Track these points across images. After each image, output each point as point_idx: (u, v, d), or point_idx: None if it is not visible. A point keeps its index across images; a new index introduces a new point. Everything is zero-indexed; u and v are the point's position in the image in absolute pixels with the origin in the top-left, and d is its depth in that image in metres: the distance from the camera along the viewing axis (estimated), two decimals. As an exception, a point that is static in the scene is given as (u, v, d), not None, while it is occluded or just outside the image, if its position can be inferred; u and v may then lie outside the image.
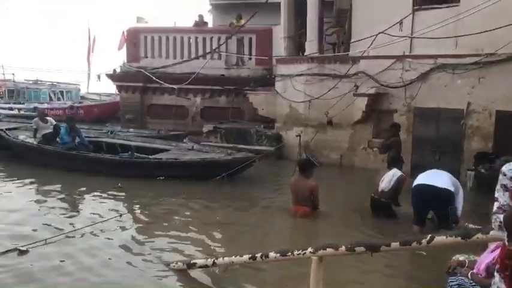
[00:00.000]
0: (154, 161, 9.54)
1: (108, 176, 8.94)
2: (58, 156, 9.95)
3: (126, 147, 10.78)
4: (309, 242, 4.11)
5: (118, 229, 6.17)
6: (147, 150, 10.56)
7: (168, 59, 15.74)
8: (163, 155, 10.02)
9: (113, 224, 6.27)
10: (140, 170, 9.31)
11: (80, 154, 9.83)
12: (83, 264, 4.91)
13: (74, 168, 9.44)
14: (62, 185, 8.44)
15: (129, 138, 11.89)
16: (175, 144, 11.18)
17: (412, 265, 5.32)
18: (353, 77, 10.94)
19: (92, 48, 29.24)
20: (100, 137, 12.00)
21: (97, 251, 5.33)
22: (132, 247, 5.51)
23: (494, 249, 3.85)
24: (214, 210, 7.40)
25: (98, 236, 5.80)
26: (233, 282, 4.58)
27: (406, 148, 10.22)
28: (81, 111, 20.90)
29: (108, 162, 9.67)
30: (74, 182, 8.66)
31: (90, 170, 9.29)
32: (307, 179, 7.02)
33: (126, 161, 9.60)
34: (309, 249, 3.73)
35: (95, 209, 7.10)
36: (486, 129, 9.58)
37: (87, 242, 5.58)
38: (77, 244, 5.51)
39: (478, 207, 7.41)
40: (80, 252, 5.25)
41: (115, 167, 9.43)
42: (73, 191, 8.21)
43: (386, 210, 6.95)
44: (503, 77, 9.20)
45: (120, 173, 9.08)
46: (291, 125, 12.10)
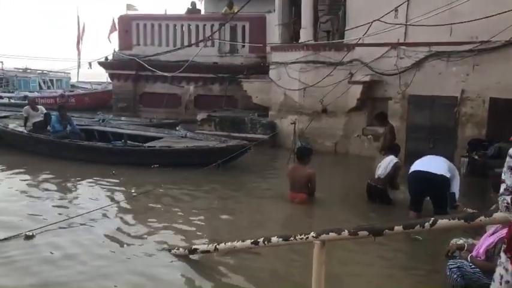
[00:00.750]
0: (147, 148, 9.48)
1: (101, 164, 8.88)
2: (49, 144, 9.85)
3: (118, 136, 10.70)
4: (308, 228, 4.14)
5: (115, 217, 6.17)
6: (140, 138, 10.50)
7: (160, 47, 15.60)
8: (156, 142, 9.96)
9: (109, 212, 6.27)
10: (133, 158, 9.25)
11: (72, 142, 9.73)
12: (81, 253, 4.89)
13: (65, 156, 9.35)
14: (54, 174, 8.36)
15: (121, 126, 11.82)
16: (168, 132, 11.13)
17: (408, 250, 5.37)
18: (348, 64, 10.93)
19: (82, 36, 28.82)
20: (91, 125, 11.89)
21: (95, 239, 5.31)
22: (131, 234, 5.51)
23: (493, 233, 3.92)
24: (211, 197, 7.40)
25: (95, 225, 5.77)
26: (234, 267, 4.60)
27: (400, 136, 10.26)
28: (72, 99, 20.65)
29: (101, 150, 9.58)
30: (67, 171, 8.61)
31: (83, 158, 9.22)
32: (304, 166, 7.06)
33: (119, 149, 9.53)
34: (312, 233, 3.75)
35: (90, 197, 7.08)
36: (480, 116, 9.65)
37: (84, 231, 5.56)
38: (73, 232, 5.48)
39: (472, 193, 7.51)
40: (76, 241, 5.23)
41: (108, 155, 9.35)
42: (66, 179, 8.16)
43: (383, 197, 7.01)
44: (497, 64, 9.25)
45: (112, 161, 9.01)
46: (285, 113, 12.09)
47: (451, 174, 6.01)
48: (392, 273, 4.65)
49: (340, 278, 4.38)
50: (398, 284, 4.37)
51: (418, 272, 4.66)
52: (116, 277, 4.33)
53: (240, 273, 4.52)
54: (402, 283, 4.40)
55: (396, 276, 4.57)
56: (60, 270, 4.47)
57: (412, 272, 4.67)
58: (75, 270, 4.47)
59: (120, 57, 16.02)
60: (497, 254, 3.66)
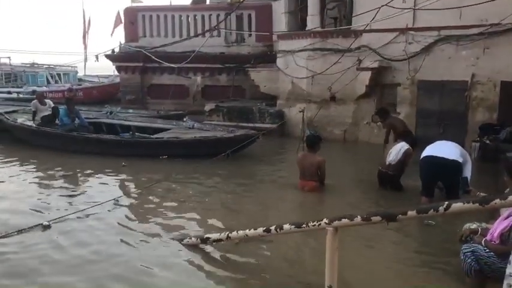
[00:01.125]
0: (155, 140, 9.51)
1: (110, 157, 8.91)
2: (58, 138, 9.89)
3: (126, 128, 10.74)
4: (319, 215, 4.12)
5: (127, 207, 6.21)
6: (148, 130, 10.53)
7: (167, 38, 15.57)
8: (164, 134, 9.98)
9: (121, 203, 6.32)
10: (142, 149, 9.29)
11: (81, 135, 9.78)
12: (94, 243, 4.94)
13: (74, 149, 9.40)
14: (64, 167, 8.40)
15: (129, 119, 11.85)
16: (176, 124, 11.14)
17: (421, 235, 5.35)
18: (356, 51, 10.84)
19: (88, 30, 28.83)
20: (99, 118, 11.93)
21: (108, 229, 5.35)
22: (143, 224, 5.54)
23: (507, 217, 3.88)
24: (221, 187, 7.41)
25: (107, 215, 5.81)
26: (246, 255, 4.61)
27: (410, 122, 10.22)
28: (80, 93, 20.75)
29: (109, 142, 9.62)
30: (77, 163, 8.65)
31: (91, 151, 9.26)
32: (314, 154, 7.04)
33: (128, 141, 9.57)
34: (324, 220, 3.74)
35: (102, 189, 7.12)
36: (491, 101, 9.55)
37: (97, 221, 5.61)
38: (86, 223, 5.54)
39: (484, 177, 7.46)
40: (90, 231, 5.29)
41: (116, 147, 9.39)
42: (77, 172, 8.22)
43: (394, 183, 6.98)
44: (508, 47, 9.14)
45: (121, 153, 9.04)
46: (293, 102, 12.04)
47: (463, 159, 5.96)
48: (406, 258, 4.63)
49: (353, 263, 4.37)
50: (412, 269, 4.35)
51: (431, 257, 4.64)
52: (128, 266, 4.36)
53: (252, 260, 4.53)
54: (416, 268, 4.38)
55: (410, 262, 4.55)
56: (75, 258, 4.53)
57: (426, 257, 4.65)
58: (87, 258, 4.52)
59: (126, 49, 16.03)
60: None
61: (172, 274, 4.22)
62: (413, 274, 4.24)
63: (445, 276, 4.15)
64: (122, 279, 4.12)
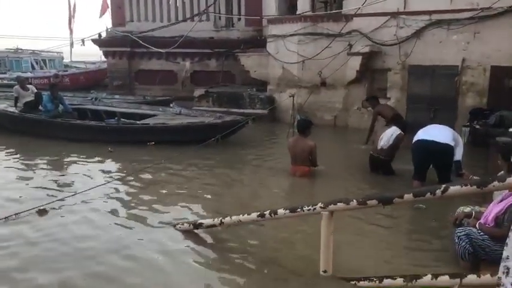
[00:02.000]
0: (141, 126, 9.36)
1: (95, 143, 8.75)
2: (42, 124, 9.65)
3: (111, 114, 10.52)
4: (312, 200, 4.08)
5: (117, 193, 6.10)
6: (134, 116, 10.34)
7: (155, 22, 15.34)
8: (150, 120, 9.83)
9: (110, 189, 6.20)
10: (127, 135, 9.12)
11: (65, 121, 9.55)
12: (85, 230, 4.85)
13: (58, 136, 9.16)
14: (49, 154, 8.20)
15: (114, 105, 11.66)
16: (162, 110, 10.98)
17: (416, 220, 5.35)
18: (347, 35, 10.75)
19: (73, 14, 28.25)
20: (84, 104, 11.69)
21: (99, 215, 5.26)
22: (135, 210, 5.46)
23: (501, 200, 3.88)
24: (212, 172, 7.34)
25: (98, 201, 5.71)
26: (241, 239, 4.57)
27: (400, 107, 10.25)
28: (67, 79, 20.37)
29: (94, 128, 9.43)
30: (62, 150, 8.47)
31: (76, 137, 9.04)
32: (305, 138, 6.99)
33: (113, 127, 9.39)
34: (319, 204, 3.71)
35: (89, 175, 6.97)
36: (481, 85, 9.57)
37: (87, 207, 5.50)
38: (77, 209, 5.43)
39: (474, 161, 7.49)
40: (82, 216, 5.19)
41: (101, 134, 9.20)
42: (62, 158, 8.06)
43: (385, 167, 6.98)
44: (499, 31, 9.13)
45: (106, 139, 8.85)
46: (284, 87, 11.95)
47: (455, 143, 5.97)
48: (399, 242, 4.63)
49: (346, 248, 4.36)
50: (405, 253, 4.35)
51: (423, 241, 4.65)
52: (123, 251, 4.29)
53: (247, 245, 4.49)
54: (409, 252, 4.38)
55: (403, 246, 4.56)
56: (67, 245, 4.45)
57: (418, 241, 4.65)
58: (82, 245, 4.44)
59: (113, 34, 15.74)
60: (507, 220, 3.64)
61: (167, 259, 4.16)
62: (406, 258, 4.23)
63: (438, 260, 4.15)
64: (116, 264, 4.06)
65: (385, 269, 3.81)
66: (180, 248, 4.40)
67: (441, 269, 3.71)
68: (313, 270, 3.77)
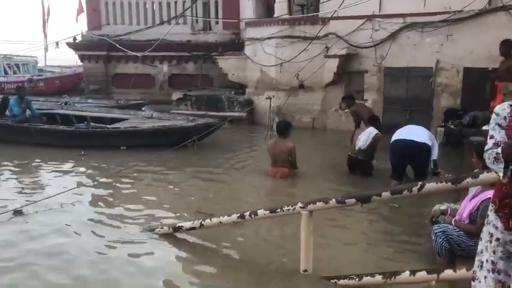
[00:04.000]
0: (111, 130, 9.21)
1: (66, 148, 8.58)
2: (8, 129, 9.35)
3: (82, 118, 10.25)
4: (292, 201, 4.11)
5: (91, 199, 6.01)
6: (105, 121, 10.16)
7: (131, 26, 15.21)
8: (121, 124, 9.70)
9: (83, 194, 6.07)
10: (98, 140, 8.95)
11: (32, 126, 9.32)
12: (59, 236, 4.75)
13: (26, 142, 8.92)
14: (16, 159, 8.00)
15: (85, 109, 11.48)
16: (134, 113, 10.84)
17: (392, 218, 5.42)
18: (323, 38, 10.86)
19: (47, 18, 27.74)
20: (54, 108, 11.42)
21: (74, 222, 5.14)
22: (111, 216, 5.35)
23: (473, 197, 3.97)
24: (190, 175, 7.29)
25: (71, 207, 5.58)
26: (222, 241, 4.56)
27: (377, 108, 10.39)
28: (41, 83, 19.97)
29: (63, 133, 9.23)
30: (31, 156, 8.22)
31: (45, 142, 8.83)
32: (284, 140, 7.03)
33: (82, 132, 9.20)
34: (299, 204, 3.74)
35: (60, 180, 6.84)
36: (454, 86, 9.79)
37: (60, 213, 5.39)
38: (47, 214, 5.31)
39: (449, 160, 7.64)
40: (55, 223, 5.07)
41: (71, 138, 9.00)
42: (31, 164, 7.85)
43: (364, 168, 7.07)
44: (470, 34, 9.36)
45: (76, 144, 8.68)
46: (262, 90, 11.98)
47: (431, 142, 6.10)
48: (377, 241, 4.68)
49: (327, 245, 4.40)
50: (383, 251, 4.41)
51: (401, 238, 4.73)
52: (100, 258, 4.22)
53: (227, 246, 4.48)
54: (387, 250, 4.44)
55: (381, 244, 4.61)
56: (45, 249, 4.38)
57: (396, 239, 4.72)
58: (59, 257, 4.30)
59: (89, 37, 15.52)
60: (480, 217, 3.73)
61: (147, 264, 4.12)
62: (385, 256, 4.29)
63: (415, 256, 4.23)
64: (96, 271, 3.98)
65: (364, 267, 3.85)
66: (161, 252, 4.36)
67: (419, 266, 3.77)
68: (294, 270, 3.79)
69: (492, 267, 2.49)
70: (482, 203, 3.78)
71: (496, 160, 2.35)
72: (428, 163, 6.11)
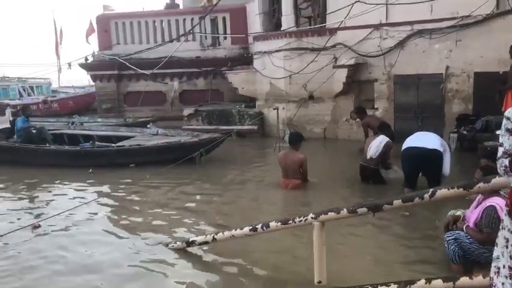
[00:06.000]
0: (117, 148, 9.27)
1: (73, 168, 8.66)
2: (14, 151, 9.45)
3: (89, 138, 10.35)
4: (304, 212, 4.10)
5: (104, 215, 6.09)
6: (112, 139, 10.22)
7: (141, 44, 15.39)
8: (126, 142, 9.74)
9: (93, 210, 6.15)
10: (103, 159, 8.97)
11: (39, 147, 9.43)
12: (78, 250, 4.81)
13: (33, 163, 8.99)
14: (25, 179, 8.12)
15: (92, 128, 11.58)
16: (140, 131, 10.89)
17: (402, 226, 5.36)
18: (331, 49, 10.89)
19: (60, 40, 28.33)
20: (61, 129, 11.51)
21: (90, 237, 5.22)
22: (125, 231, 5.41)
23: (476, 205, 3.93)
24: (201, 190, 7.37)
25: (84, 224, 5.68)
26: (234, 253, 4.55)
27: (388, 116, 10.36)
28: (55, 104, 20.36)
29: (69, 153, 9.33)
30: (37, 176, 8.32)
31: (51, 163, 8.90)
32: (295, 151, 7.03)
33: (87, 151, 9.25)
34: (310, 215, 3.73)
35: (69, 197, 6.94)
36: (465, 92, 9.70)
37: (75, 229, 5.48)
38: (62, 231, 5.40)
39: (464, 167, 7.56)
40: (71, 238, 5.18)
41: (76, 158, 9.06)
42: (40, 184, 7.93)
43: (375, 177, 7.02)
44: (479, 38, 9.29)
45: (82, 164, 8.72)
46: (272, 102, 12.01)
47: (443, 148, 6.04)
48: (390, 250, 4.63)
49: (341, 255, 4.37)
50: (398, 260, 4.35)
51: (418, 246, 4.67)
52: (116, 273, 4.26)
53: (241, 259, 4.48)
54: (405, 258, 4.39)
55: (394, 253, 4.56)
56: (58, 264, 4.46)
57: (410, 247, 4.66)
58: (70, 266, 4.42)
59: (100, 57, 15.79)
60: (485, 225, 3.69)
61: (162, 279, 4.13)
62: (400, 264, 4.24)
63: (431, 265, 4.17)
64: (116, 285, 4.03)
65: (379, 276, 3.81)
66: (175, 267, 4.37)
67: (434, 274, 3.72)
68: (309, 281, 3.77)
69: (510, 273, 2.43)
70: (484, 211, 3.75)
71: (506, 173, 2.32)
72: (441, 169, 6.04)
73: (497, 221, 3.49)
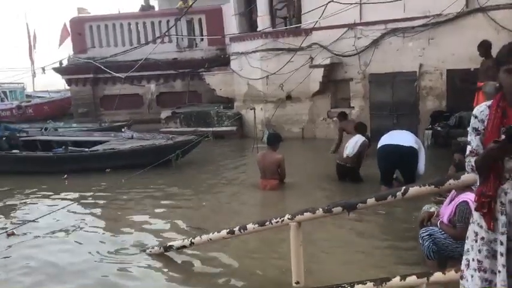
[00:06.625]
0: (90, 153, 9.11)
1: (45, 174, 8.49)
2: None
3: (63, 144, 10.10)
4: (283, 212, 4.11)
5: (80, 221, 5.96)
6: (86, 144, 10.02)
7: (117, 47, 15.23)
8: (100, 146, 9.59)
9: (68, 216, 6.05)
10: (77, 164, 8.81)
11: (10, 154, 9.23)
12: (52, 259, 4.72)
13: (4, 170, 8.76)
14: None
15: (65, 134, 11.39)
16: (114, 135, 10.74)
17: (382, 223, 5.43)
18: (307, 49, 10.97)
19: (34, 44, 27.77)
20: (34, 135, 11.22)
21: (64, 244, 5.13)
22: (101, 238, 5.33)
23: (450, 201, 4.01)
24: (178, 192, 7.31)
25: (59, 231, 5.57)
26: (212, 256, 4.54)
27: (364, 114, 10.50)
28: (30, 110, 19.96)
29: (41, 159, 9.16)
30: (9, 184, 8.11)
31: (23, 170, 8.71)
32: (273, 152, 7.06)
33: (60, 156, 9.07)
34: (287, 215, 3.74)
35: (43, 204, 6.82)
36: (439, 89, 9.90)
37: (48, 237, 5.38)
38: (33, 240, 5.29)
39: (438, 163, 7.68)
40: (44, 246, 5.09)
41: (49, 164, 8.88)
42: (12, 191, 7.77)
43: (353, 175, 7.09)
44: (451, 36, 9.49)
45: (56, 170, 8.56)
46: (250, 103, 12.03)
47: (418, 146, 6.15)
48: (370, 247, 4.68)
49: (318, 255, 4.40)
50: (375, 258, 4.41)
51: (393, 243, 4.73)
52: (94, 280, 4.19)
53: (219, 261, 4.47)
54: (380, 255, 4.44)
55: (374, 250, 4.61)
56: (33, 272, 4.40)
57: (389, 244, 4.73)
58: (48, 276, 4.33)
59: (75, 61, 15.55)
60: (459, 220, 3.76)
61: (140, 286, 4.09)
62: (376, 263, 4.28)
63: (406, 261, 4.23)
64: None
65: (356, 275, 3.84)
66: (153, 273, 4.33)
67: (410, 270, 3.78)
68: (286, 283, 3.78)
69: (478, 266, 2.50)
70: (457, 207, 3.82)
71: (473, 171, 2.42)
72: (417, 167, 6.14)
73: (469, 216, 3.56)
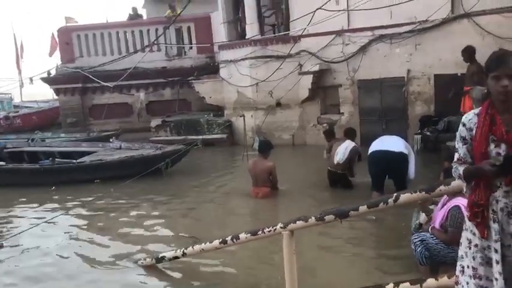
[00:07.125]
0: (77, 164, 9.00)
1: (32, 187, 8.37)
2: None
3: (50, 155, 9.96)
4: (275, 221, 4.11)
5: (70, 234, 5.92)
6: (74, 155, 9.90)
7: (105, 56, 15.15)
8: (88, 157, 9.50)
9: (56, 228, 6.01)
10: (64, 176, 8.68)
11: None
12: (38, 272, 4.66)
13: None
14: None
15: (52, 144, 11.23)
16: (102, 145, 10.65)
17: (373, 231, 5.45)
18: (296, 56, 11.03)
19: (21, 54, 27.53)
20: (20, 146, 11.06)
21: (55, 258, 5.07)
22: (92, 250, 5.29)
23: (442, 206, 4.03)
24: (170, 202, 7.28)
25: (51, 244, 5.50)
26: (206, 266, 4.52)
27: (354, 120, 10.56)
28: (18, 120, 19.73)
29: (27, 171, 9.03)
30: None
31: (9, 182, 8.58)
32: (264, 159, 7.05)
33: (47, 168, 8.92)
34: (279, 224, 3.73)
35: (29, 219, 6.69)
36: (427, 94, 9.99)
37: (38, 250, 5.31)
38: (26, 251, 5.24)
39: (428, 167, 7.77)
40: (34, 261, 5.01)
41: (36, 176, 8.78)
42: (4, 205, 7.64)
43: (343, 181, 7.12)
44: (437, 42, 9.59)
45: (43, 181, 8.46)
46: (240, 111, 12.04)
47: (408, 151, 6.19)
48: (363, 255, 4.70)
49: (312, 264, 4.39)
50: (370, 264, 4.42)
51: (387, 250, 4.75)
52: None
53: (212, 272, 4.45)
54: (374, 262, 4.46)
55: (367, 257, 4.62)
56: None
57: (382, 251, 4.76)
58: None
59: (63, 71, 15.44)
60: (451, 225, 3.79)
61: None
62: (369, 270, 4.30)
63: (400, 268, 4.25)
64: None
65: (349, 283, 3.85)
66: (145, 286, 4.29)
67: (404, 277, 3.79)
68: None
69: (473, 273, 2.50)
70: (449, 212, 3.84)
71: (460, 179, 2.44)
72: (407, 172, 6.17)
73: (461, 221, 3.58)
